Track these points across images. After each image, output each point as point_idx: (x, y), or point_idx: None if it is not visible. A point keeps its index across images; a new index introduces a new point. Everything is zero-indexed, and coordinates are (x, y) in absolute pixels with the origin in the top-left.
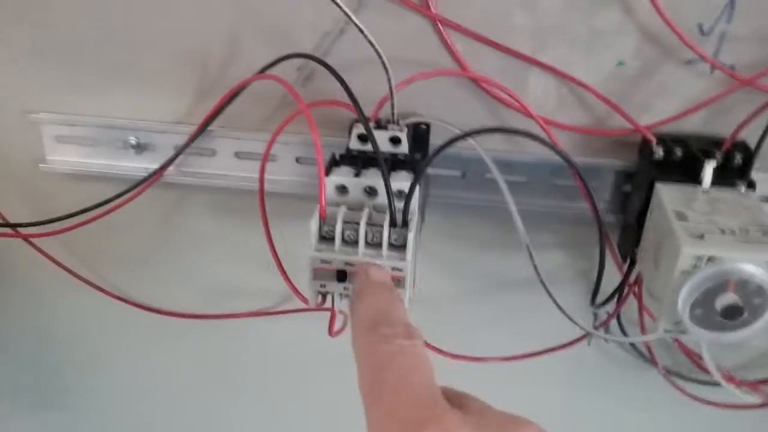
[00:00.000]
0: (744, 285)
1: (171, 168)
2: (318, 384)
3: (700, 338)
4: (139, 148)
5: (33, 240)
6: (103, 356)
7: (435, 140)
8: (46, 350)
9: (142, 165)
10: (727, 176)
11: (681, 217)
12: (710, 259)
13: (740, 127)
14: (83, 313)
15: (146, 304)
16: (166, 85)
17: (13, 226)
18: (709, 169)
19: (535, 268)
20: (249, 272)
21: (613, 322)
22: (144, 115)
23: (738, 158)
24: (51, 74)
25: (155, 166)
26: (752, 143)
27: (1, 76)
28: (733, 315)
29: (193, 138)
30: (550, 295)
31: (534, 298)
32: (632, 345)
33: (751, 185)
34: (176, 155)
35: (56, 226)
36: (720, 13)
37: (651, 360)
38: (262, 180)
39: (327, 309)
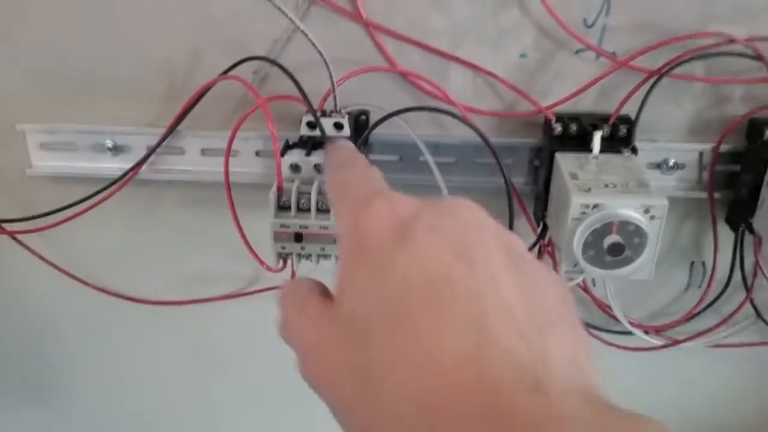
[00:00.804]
0: (625, 226)
1: (144, 167)
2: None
3: (594, 276)
4: (115, 150)
5: (19, 237)
6: (87, 347)
7: (376, 132)
8: (31, 344)
9: (118, 165)
10: (615, 145)
11: (574, 177)
12: (596, 207)
13: (622, 103)
14: (67, 306)
15: (126, 294)
16: (138, 92)
17: None
18: (597, 139)
19: None
20: (220, 258)
21: None
22: (118, 121)
23: (623, 129)
24: (34, 88)
25: (130, 165)
26: (634, 116)
27: None
28: (617, 252)
29: (164, 138)
30: None
31: None
32: None
33: (634, 151)
34: (148, 155)
35: (40, 222)
36: (600, 9)
37: None
38: (227, 171)
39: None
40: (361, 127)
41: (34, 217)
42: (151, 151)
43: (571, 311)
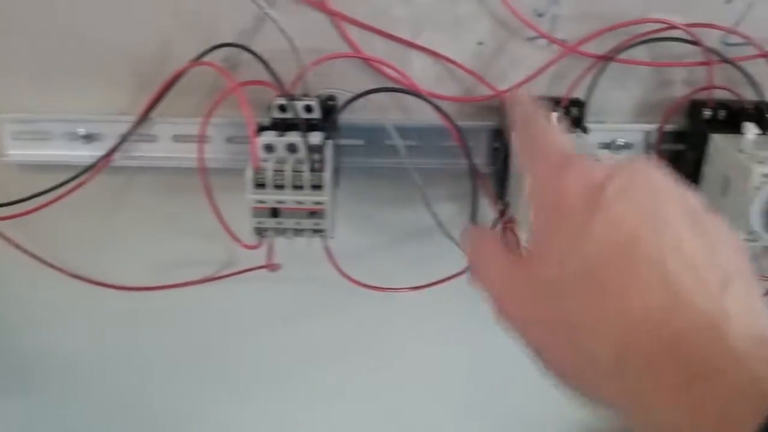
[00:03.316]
0: None
1: (117, 154)
2: (268, 338)
3: None
4: (88, 138)
5: None
6: (63, 334)
7: (343, 117)
8: (6, 332)
9: (91, 153)
10: (568, 125)
11: None
12: None
13: (572, 86)
14: (42, 293)
15: (102, 280)
16: (110, 81)
17: None
18: (552, 120)
19: (434, 216)
20: (194, 243)
21: None
22: (91, 109)
23: (574, 111)
24: (7, 79)
25: (102, 153)
26: (584, 98)
27: None
28: None
29: (135, 126)
30: (445, 232)
31: (436, 244)
32: None
33: (584, 130)
34: (121, 142)
35: (14, 209)
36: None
37: None
38: (201, 157)
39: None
40: (330, 111)
41: (7, 204)
42: (124, 138)
43: (746, 263)
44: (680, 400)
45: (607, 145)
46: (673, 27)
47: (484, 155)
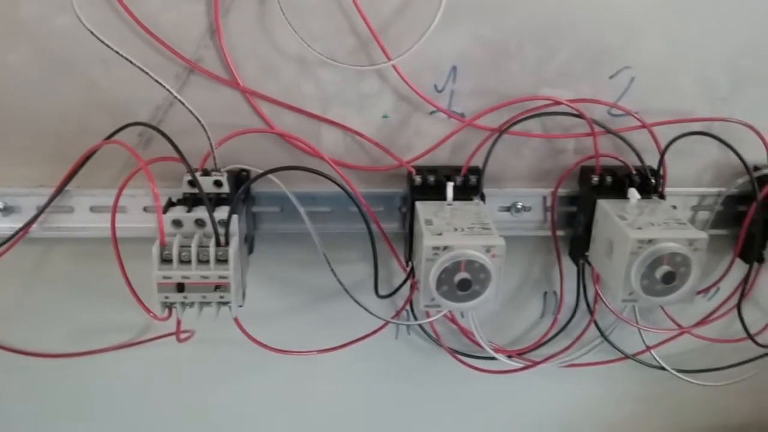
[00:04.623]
0: (471, 264)
1: (35, 226)
2: (184, 401)
3: (448, 308)
4: (6, 210)
5: None
6: None
7: (258, 187)
8: None
9: (8, 225)
10: (468, 192)
11: (429, 222)
12: (446, 248)
13: (471, 156)
14: None
15: (21, 348)
16: (28, 156)
17: None
18: (450, 189)
19: (334, 274)
20: (112, 310)
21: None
22: (9, 183)
23: (473, 179)
24: None
25: (20, 225)
26: (481, 166)
27: None
28: (465, 287)
29: (52, 198)
30: (350, 295)
31: (350, 305)
32: (423, 330)
33: (482, 198)
34: (38, 214)
35: None
36: (447, 77)
37: (438, 342)
38: (113, 227)
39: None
40: (242, 182)
41: None
42: (41, 210)
43: None
44: None
45: (508, 209)
46: (558, 103)
47: (394, 219)
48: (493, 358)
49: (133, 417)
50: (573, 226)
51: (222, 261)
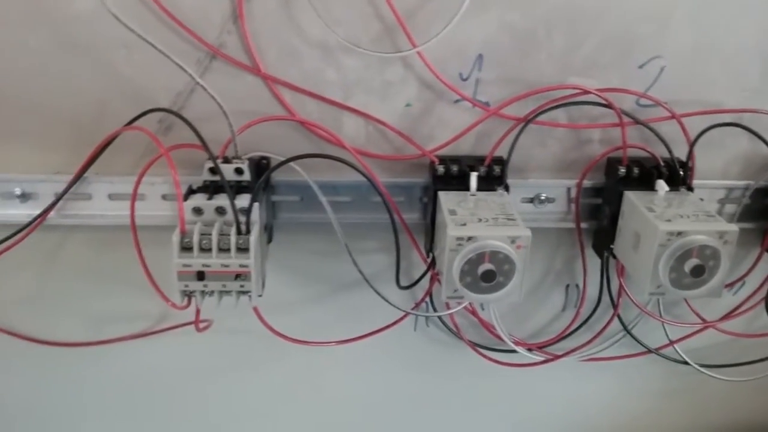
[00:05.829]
0: (495, 255)
1: (52, 213)
2: (200, 391)
3: (471, 300)
4: (24, 197)
5: None
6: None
7: (278, 176)
8: None
9: (26, 212)
10: (491, 183)
11: (453, 213)
12: (470, 239)
13: (495, 146)
14: None
15: (37, 337)
16: (47, 142)
17: None
18: (473, 179)
19: (355, 264)
20: (129, 299)
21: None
22: (28, 169)
23: (497, 170)
24: None
25: (38, 212)
26: (506, 157)
27: None
28: (490, 278)
29: (71, 185)
30: (371, 286)
31: (369, 296)
32: (443, 322)
33: (506, 188)
34: (56, 201)
35: None
36: (473, 65)
37: (458, 335)
38: (132, 215)
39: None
40: (263, 170)
41: None
42: (59, 197)
43: None
44: None
45: (531, 200)
46: (586, 92)
47: (415, 210)
48: (513, 351)
49: (148, 406)
50: (597, 218)
51: (243, 249)
